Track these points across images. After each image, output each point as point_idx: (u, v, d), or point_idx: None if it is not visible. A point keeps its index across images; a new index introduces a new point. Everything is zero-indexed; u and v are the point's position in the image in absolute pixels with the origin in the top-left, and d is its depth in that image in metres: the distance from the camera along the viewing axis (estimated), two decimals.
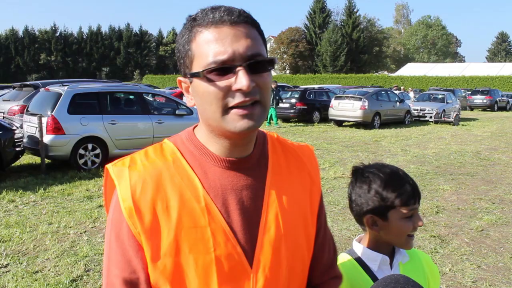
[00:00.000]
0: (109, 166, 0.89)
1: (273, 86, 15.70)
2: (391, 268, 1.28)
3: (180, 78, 0.90)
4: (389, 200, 1.26)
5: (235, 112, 0.81)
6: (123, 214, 0.84)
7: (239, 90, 0.80)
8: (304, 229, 0.95)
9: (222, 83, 0.81)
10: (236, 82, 0.80)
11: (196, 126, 0.96)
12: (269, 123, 16.19)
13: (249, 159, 0.91)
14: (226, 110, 0.82)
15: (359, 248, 1.32)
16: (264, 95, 0.84)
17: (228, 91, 0.81)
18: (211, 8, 0.84)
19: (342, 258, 1.34)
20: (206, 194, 0.86)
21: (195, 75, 0.83)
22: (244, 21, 0.83)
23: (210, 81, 0.81)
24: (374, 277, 1.26)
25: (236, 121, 0.82)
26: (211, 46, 0.81)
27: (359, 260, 1.30)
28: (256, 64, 0.82)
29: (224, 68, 0.80)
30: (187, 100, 0.91)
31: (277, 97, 15.71)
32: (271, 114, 16.11)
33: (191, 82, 0.86)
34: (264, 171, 0.93)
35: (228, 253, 0.84)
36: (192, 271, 0.83)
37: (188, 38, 0.84)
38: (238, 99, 0.81)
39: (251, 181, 0.90)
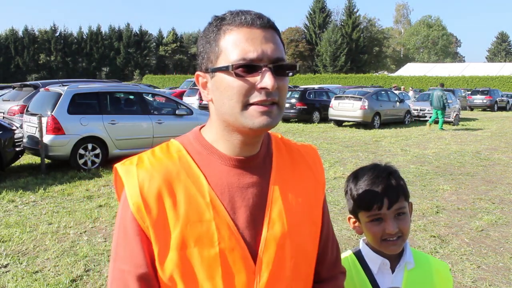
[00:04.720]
0: (117, 165, 0.92)
1: (440, 87, 15.10)
2: (393, 272, 1.25)
3: (199, 72, 0.93)
4: (355, 202, 1.25)
5: (255, 109, 0.85)
6: (131, 209, 0.86)
7: (263, 88, 0.84)
8: (309, 227, 0.98)
9: (248, 79, 0.84)
10: (261, 81, 0.84)
11: (203, 126, 0.98)
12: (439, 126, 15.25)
13: (256, 158, 0.94)
14: (246, 106, 0.85)
15: (364, 247, 1.31)
16: (282, 97, 0.88)
17: (251, 88, 0.84)
18: (241, 11, 0.89)
19: (346, 255, 1.33)
20: (211, 191, 0.89)
21: (220, 69, 0.85)
22: (272, 27, 0.89)
23: (237, 76, 0.84)
24: (372, 279, 1.25)
25: (255, 117, 0.85)
26: (241, 44, 0.84)
27: (361, 260, 1.29)
28: (280, 67, 0.86)
29: (252, 66, 0.84)
30: (204, 95, 0.93)
31: (445, 100, 14.97)
32: (439, 117, 15.08)
33: (212, 77, 0.88)
34: (269, 169, 0.96)
35: (232, 248, 0.87)
36: (197, 264, 0.86)
37: (216, 35, 0.87)
38: (259, 97, 0.84)
39: (257, 179, 0.93)
